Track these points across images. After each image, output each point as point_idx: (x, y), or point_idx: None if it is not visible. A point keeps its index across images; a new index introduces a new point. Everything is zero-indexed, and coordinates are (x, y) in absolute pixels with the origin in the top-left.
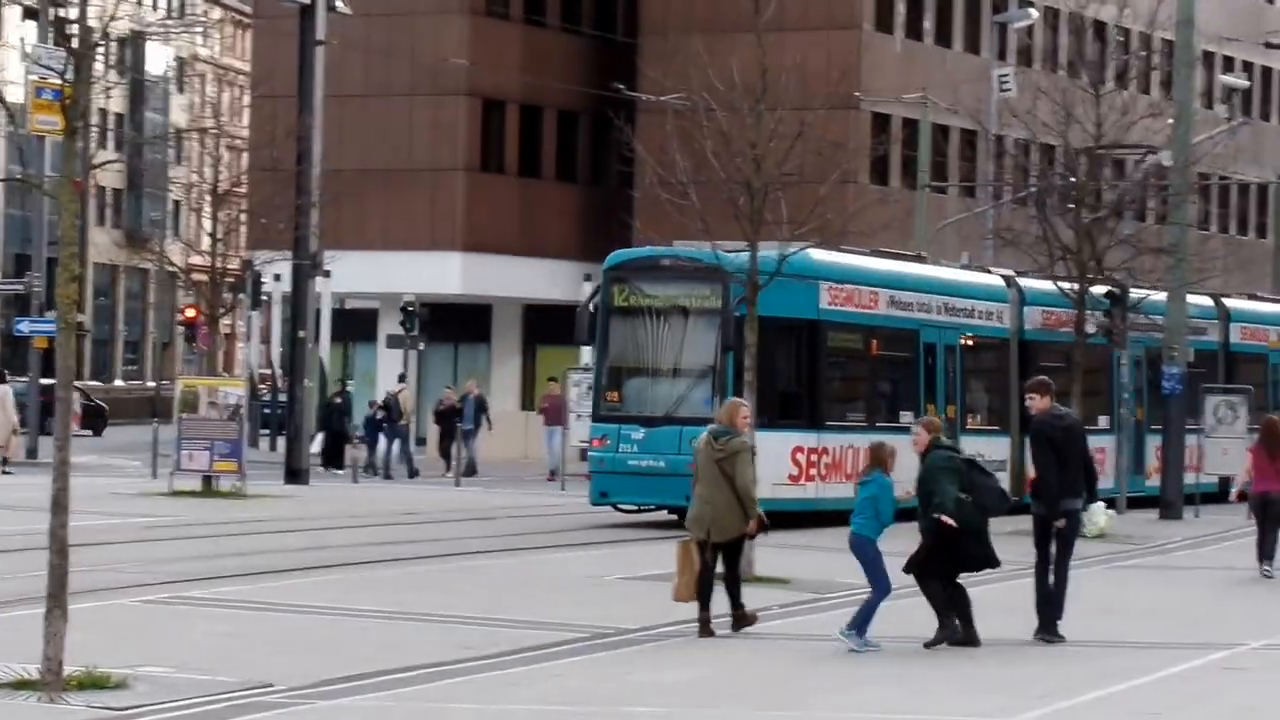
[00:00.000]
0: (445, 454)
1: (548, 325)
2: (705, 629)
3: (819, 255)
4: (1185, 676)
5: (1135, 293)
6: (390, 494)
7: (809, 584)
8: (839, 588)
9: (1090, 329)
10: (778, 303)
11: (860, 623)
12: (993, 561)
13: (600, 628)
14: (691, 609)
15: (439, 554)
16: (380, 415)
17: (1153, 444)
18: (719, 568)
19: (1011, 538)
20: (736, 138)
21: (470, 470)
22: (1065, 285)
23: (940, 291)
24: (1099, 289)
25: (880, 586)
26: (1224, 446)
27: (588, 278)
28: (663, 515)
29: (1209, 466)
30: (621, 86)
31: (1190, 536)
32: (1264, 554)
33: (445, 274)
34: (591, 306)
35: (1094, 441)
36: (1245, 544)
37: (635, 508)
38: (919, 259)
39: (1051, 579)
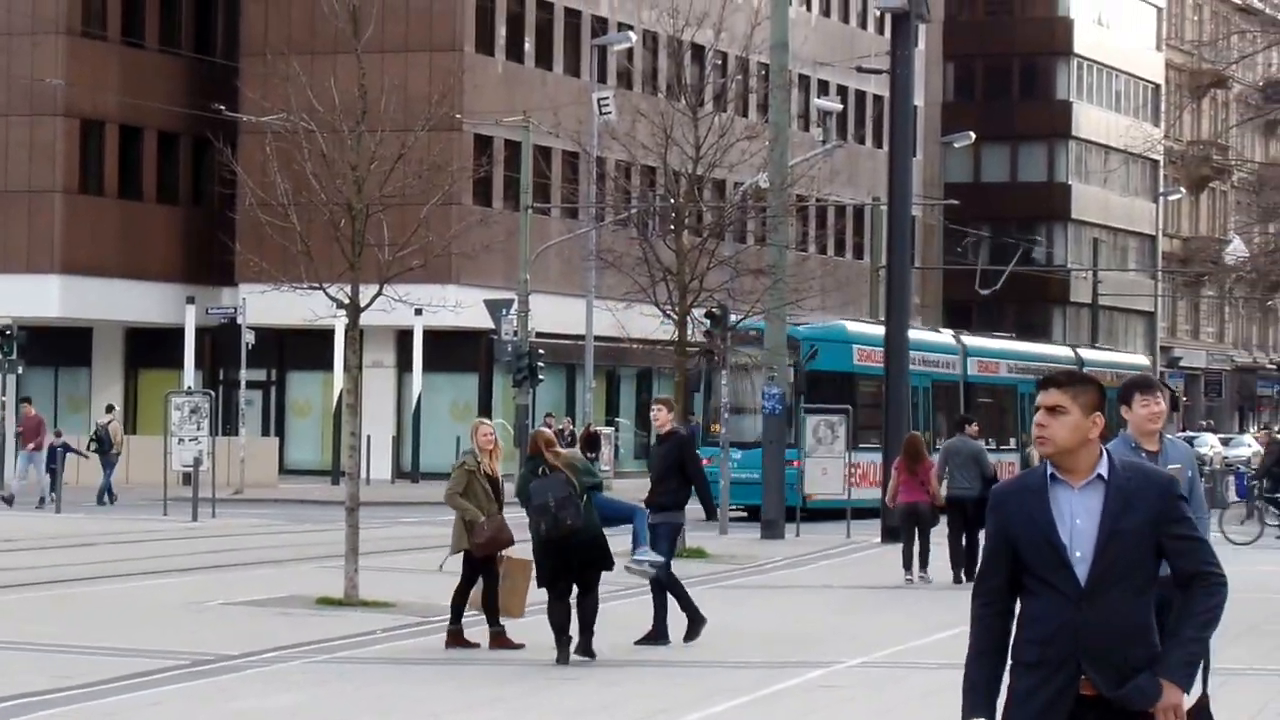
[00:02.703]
0: None
1: (150, 348)
2: (451, 638)
3: (852, 327)
4: (785, 695)
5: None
6: None
7: (412, 607)
8: (442, 610)
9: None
10: (826, 360)
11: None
12: (607, 564)
13: (200, 654)
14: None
15: (36, 581)
16: (91, 446)
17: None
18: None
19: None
20: (337, 159)
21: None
22: (666, 307)
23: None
24: (699, 310)
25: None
26: (824, 466)
27: (190, 300)
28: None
29: (809, 486)
30: (221, 107)
31: (790, 555)
32: (909, 563)
33: (43, 297)
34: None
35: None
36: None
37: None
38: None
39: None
